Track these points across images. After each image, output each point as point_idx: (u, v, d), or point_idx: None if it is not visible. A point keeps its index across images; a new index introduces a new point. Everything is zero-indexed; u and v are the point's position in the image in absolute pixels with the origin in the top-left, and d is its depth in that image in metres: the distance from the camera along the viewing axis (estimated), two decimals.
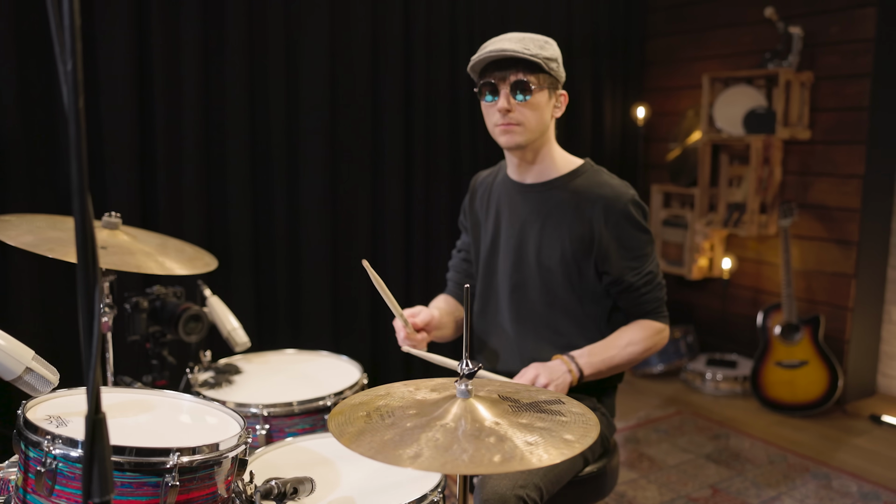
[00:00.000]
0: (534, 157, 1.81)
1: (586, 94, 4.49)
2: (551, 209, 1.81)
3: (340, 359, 2.25)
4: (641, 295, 1.79)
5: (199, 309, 2.15)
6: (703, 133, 4.17)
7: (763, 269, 4.23)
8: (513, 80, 1.70)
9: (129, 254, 1.81)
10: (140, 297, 2.18)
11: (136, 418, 1.34)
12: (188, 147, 3.23)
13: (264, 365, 2.24)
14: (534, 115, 1.73)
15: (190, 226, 3.26)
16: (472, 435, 1.04)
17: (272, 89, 3.44)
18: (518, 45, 1.69)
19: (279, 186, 3.51)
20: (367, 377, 2.09)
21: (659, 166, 4.70)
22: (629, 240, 1.76)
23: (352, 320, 3.79)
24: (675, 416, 3.72)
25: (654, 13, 4.72)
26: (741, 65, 4.21)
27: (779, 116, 3.83)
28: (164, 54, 3.12)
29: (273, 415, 1.87)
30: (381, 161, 3.79)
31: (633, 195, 1.78)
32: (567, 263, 1.79)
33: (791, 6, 3.92)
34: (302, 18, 3.49)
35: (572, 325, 1.83)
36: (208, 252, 2.10)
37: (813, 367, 3.69)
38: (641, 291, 1.78)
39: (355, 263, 3.73)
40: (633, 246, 1.77)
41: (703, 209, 4.25)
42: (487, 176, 2.04)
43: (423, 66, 3.82)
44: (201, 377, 2.08)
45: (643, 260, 1.78)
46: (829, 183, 3.86)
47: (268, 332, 3.56)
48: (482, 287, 1.96)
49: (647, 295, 1.79)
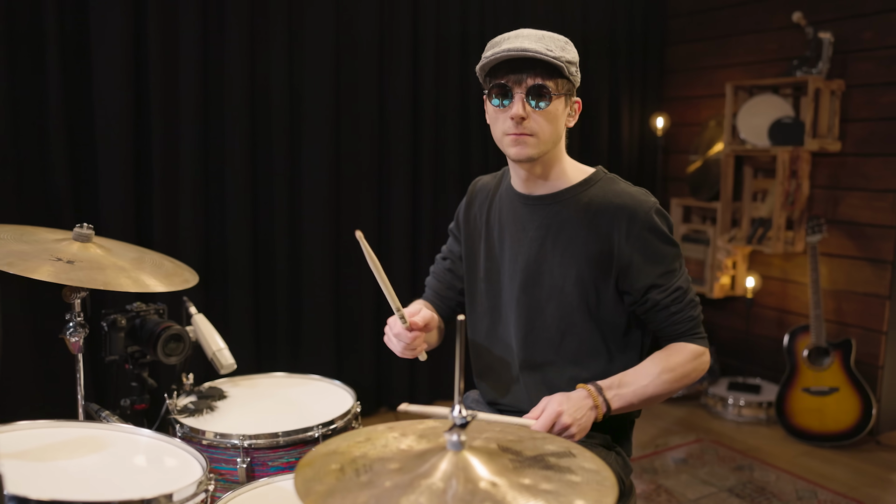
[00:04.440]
0: (543, 170, 1.61)
1: (603, 103, 4.32)
2: (563, 223, 1.61)
3: (333, 383, 2.08)
4: (671, 314, 1.58)
5: (181, 328, 1.98)
6: (726, 144, 3.98)
7: (789, 288, 4.02)
8: (530, 84, 1.49)
9: (99, 269, 1.65)
10: (119, 314, 2.02)
11: (81, 461, 1.17)
12: (185, 160, 3.09)
13: (251, 389, 2.07)
14: (549, 125, 1.53)
15: (186, 240, 3.12)
16: (463, 500, 0.86)
17: (274, 96, 3.30)
18: (539, 45, 1.48)
19: (280, 199, 3.37)
20: (359, 405, 1.92)
21: (679, 179, 4.51)
22: (654, 254, 1.56)
23: (354, 340, 3.62)
24: (694, 444, 3.50)
25: (675, 18, 4.54)
26: (766, 73, 4.02)
27: (807, 127, 3.64)
28: (161, 63, 2.99)
29: (255, 447, 1.71)
30: (387, 173, 3.64)
31: (654, 203, 1.58)
32: (584, 284, 1.58)
33: (820, 10, 3.73)
34: (305, 22, 3.34)
35: (590, 353, 1.62)
36: (189, 267, 1.93)
37: (844, 394, 3.46)
38: (671, 311, 1.57)
39: (359, 281, 3.56)
40: (659, 260, 1.56)
41: (726, 224, 4.05)
42: (489, 182, 1.85)
43: (432, 69, 3.67)
44: (181, 402, 1.91)
45: (671, 276, 1.57)
46: (861, 198, 3.65)
47: (266, 352, 3.41)
48: (488, 306, 1.75)
49: (679, 315, 1.58)
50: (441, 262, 1.88)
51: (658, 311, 1.57)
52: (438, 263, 1.89)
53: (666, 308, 1.57)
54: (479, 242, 1.76)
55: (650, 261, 1.55)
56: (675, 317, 1.58)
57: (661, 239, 1.56)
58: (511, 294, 1.67)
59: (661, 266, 1.56)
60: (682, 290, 1.58)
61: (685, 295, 1.59)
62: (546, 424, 1.42)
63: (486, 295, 1.74)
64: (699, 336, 1.61)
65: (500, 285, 1.71)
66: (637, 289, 1.56)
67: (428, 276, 1.91)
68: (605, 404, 1.49)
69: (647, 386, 1.53)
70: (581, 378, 1.60)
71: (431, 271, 1.91)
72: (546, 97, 1.50)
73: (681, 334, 1.59)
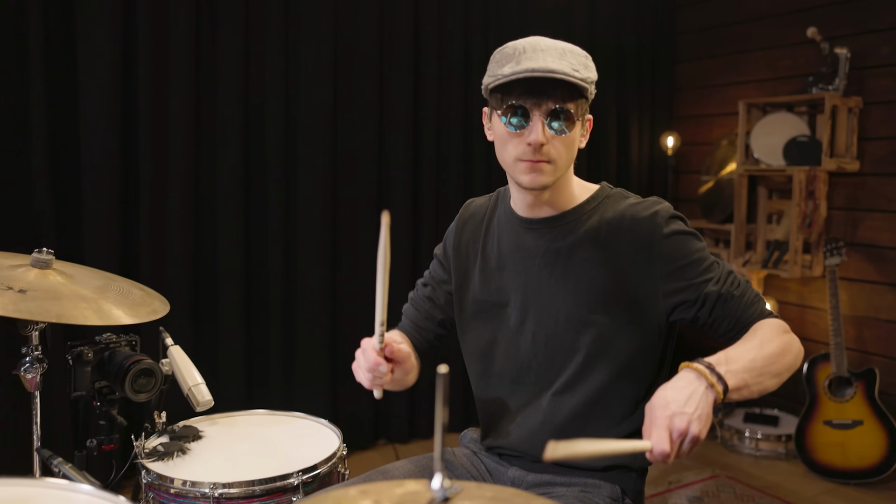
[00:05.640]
0: (552, 195, 1.45)
1: (612, 123, 4.18)
2: (573, 246, 1.44)
3: (319, 422, 1.91)
4: (734, 299, 1.37)
5: (152, 362, 1.82)
6: (739, 164, 3.83)
7: (807, 314, 3.84)
8: (551, 107, 1.33)
9: (55, 299, 1.50)
10: (87, 345, 1.86)
11: None
12: (175, 182, 2.95)
13: (230, 429, 1.91)
14: (567, 150, 1.37)
15: (174, 266, 2.97)
16: None
17: (268, 120, 3.18)
18: (563, 63, 1.31)
19: (274, 224, 3.23)
20: (346, 448, 1.75)
21: (690, 200, 4.36)
22: (688, 255, 1.38)
23: (351, 375, 3.45)
24: (710, 480, 3.30)
25: (685, 35, 4.42)
26: (779, 90, 3.88)
27: (824, 146, 3.48)
28: (150, 69, 2.86)
29: (227, 496, 1.54)
30: (387, 197, 3.50)
31: (668, 207, 1.42)
32: (610, 309, 1.41)
33: (836, 26, 3.59)
34: (301, 43, 3.22)
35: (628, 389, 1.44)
36: (161, 296, 1.78)
37: (868, 427, 3.27)
38: (733, 295, 1.37)
39: (356, 308, 3.40)
40: (696, 259, 1.38)
41: (740, 248, 3.88)
42: (482, 205, 1.67)
43: (434, 84, 3.55)
44: (152, 444, 1.75)
45: (713, 267, 1.39)
46: (882, 219, 3.49)
47: (258, 382, 3.24)
48: (485, 340, 1.58)
49: (744, 298, 1.38)
50: (422, 288, 1.69)
51: (723, 303, 1.37)
52: (418, 290, 1.70)
53: (729, 295, 1.37)
54: (472, 271, 1.59)
55: (687, 264, 1.38)
56: (742, 302, 1.38)
57: (688, 238, 1.40)
58: (522, 329, 1.50)
59: (700, 262, 1.39)
60: (733, 274, 1.41)
61: (736, 278, 1.41)
62: (664, 439, 1.13)
63: (482, 328, 1.57)
64: (774, 316, 1.41)
65: (500, 319, 1.54)
66: (689, 294, 1.38)
67: (406, 302, 1.73)
68: (720, 381, 1.20)
69: (755, 359, 1.27)
70: (620, 417, 1.43)
71: (410, 298, 1.72)
72: (569, 121, 1.34)
73: (756, 316, 1.39)
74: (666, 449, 1.12)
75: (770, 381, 1.29)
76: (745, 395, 1.25)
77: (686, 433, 1.15)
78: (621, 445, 1.22)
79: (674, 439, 1.14)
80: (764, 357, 1.27)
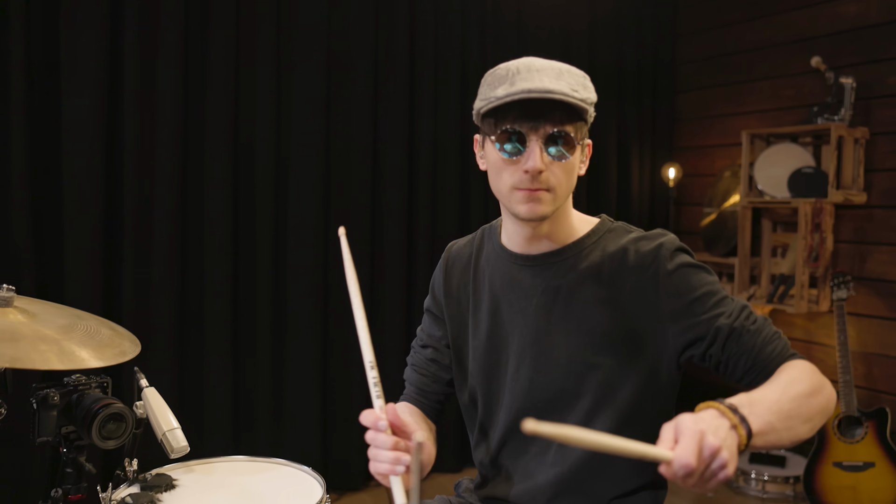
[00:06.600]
0: (551, 227, 1.34)
1: (612, 153, 4.11)
2: (575, 283, 1.33)
3: (302, 470, 1.79)
4: (750, 334, 1.24)
5: (123, 406, 1.69)
6: (743, 196, 3.75)
7: (814, 350, 3.72)
8: (549, 130, 1.23)
9: (12, 340, 1.39)
10: (53, 387, 1.74)
11: None
12: (160, 216, 2.85)
13: (206, 476, 1.78)
14: (567, 177, 1.27)
15: (159, 303, 2.85)
16: None
17: (258, 139, 3.09)
18: (561, 84, 1.21)
19: (263, 257, 3.12)
20: (330, 499, 1.63)
21: (692, 233, 4.29)
22: (695, 289, 1.27)
23: (343, 409, 3.32)
24: None
25: (686, 65, 4.37)
26: (783, 120, 3.81)
27: (830, 177, 3.40)
28: (138, 109, 2.78)
29: None
30: (380, 229, 3.40)
31: (673, 239, 1.32)
32: (616, 351, 1.30)
33: (840, 55, 3.53)
34: (293, 78, 3.15)
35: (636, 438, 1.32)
36: (132, 335, 1.67)
37: (880, 470, 3.13)
38: (749, 330, 1.24)
39: (346, 344, 3.29)
40: (704, 293, 1.27)
41: (744, 282, 3.78)
42: (465, 246, 1.56)
43: (430, 110, 3.47)
44: (120, 494, 1.63)
45: (725, 302, 1.27)
46: (890, 253, 3.40)
47: (245, 424, 3.11)
48: (481, 395, 1.46)
49: (761, 334, 1.25)
50: (421, 350, 1.56)
51: (736, 338, 1.24)
52: (418, 353, 1.57)
53: (743, 330, 1.24)
54: (467, 317, 1.48)
55: (696, 298, 1.27)
56: (760, 338, 1.25)
57: (695, 271, 1.30)
58: (522, 377, 1.38)
59: (709, 296, 1.27)
60: (748, 309, 1.28)
61: (752, 313, 1.28)
62: (692, 451, 0.93)
63: (478, 376, 1.45)
64: (799, 356, 1.27)
65: (496, 365, 1.42)
66: (699, 330, 1.26)
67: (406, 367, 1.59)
68: (743, 424, 1.02)
69: (781, 400, 1.11)
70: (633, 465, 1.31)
71: (410, 363, 1.58)
72: (569, 146, 1.24)
73: (778, 355, 1.25)
74: (692, 462, 0.92)
75: (802, 427, 1.13)
76: (772, 442, 1.08)
77: (717, 453, 0.95)
78: (629, 446, 0.95)
79: (704, 455, 0.95)
80: (791, 398, 1.12)
